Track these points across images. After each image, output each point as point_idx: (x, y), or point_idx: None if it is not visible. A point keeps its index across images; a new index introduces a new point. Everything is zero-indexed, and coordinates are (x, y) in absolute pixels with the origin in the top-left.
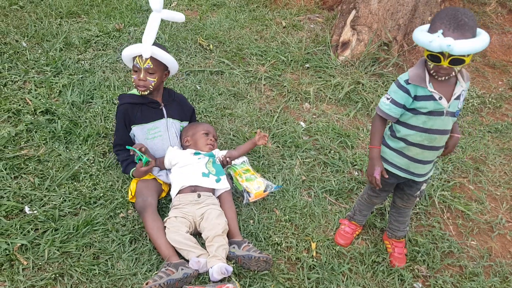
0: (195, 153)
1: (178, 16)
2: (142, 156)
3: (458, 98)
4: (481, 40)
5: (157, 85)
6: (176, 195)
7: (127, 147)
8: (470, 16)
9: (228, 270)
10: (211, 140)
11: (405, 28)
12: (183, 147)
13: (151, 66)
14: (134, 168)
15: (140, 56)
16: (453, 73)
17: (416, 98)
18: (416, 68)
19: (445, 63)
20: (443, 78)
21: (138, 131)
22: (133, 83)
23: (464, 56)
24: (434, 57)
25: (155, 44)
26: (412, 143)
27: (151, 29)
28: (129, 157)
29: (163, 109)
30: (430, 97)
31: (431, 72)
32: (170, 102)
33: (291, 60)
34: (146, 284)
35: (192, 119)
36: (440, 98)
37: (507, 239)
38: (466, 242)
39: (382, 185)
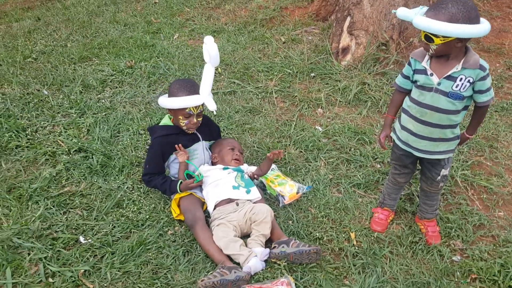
0: (224, 168)
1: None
2: (194, 174)
3: (451, 79)
4: (444, 25)
5: None
6: (214, 209)
7: (186, 172)
8: (461, 6)
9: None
10: (236, 154)
11: (399, 27)
12: (212, 164)
13: (202, 110)
14: (180, 182)
15: None
16: (431, 50)
17: (415, 71)
18: (422, 47)
19: (422, 36)
20: (428, 53)
21: None
22: (183, 126)
23: (431, 34)
24: (426, 37)
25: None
26: (411, 115)
27: (208, 82)
28: (166, 178)
29: (197, 133)
30: (423, 71)
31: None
32: (200, 125)
33: (297, 72)
34: (201, 281)
35: (218, 137)
36: (432, 74)
37: None
38: (494, 213)
39: (400, 160)
